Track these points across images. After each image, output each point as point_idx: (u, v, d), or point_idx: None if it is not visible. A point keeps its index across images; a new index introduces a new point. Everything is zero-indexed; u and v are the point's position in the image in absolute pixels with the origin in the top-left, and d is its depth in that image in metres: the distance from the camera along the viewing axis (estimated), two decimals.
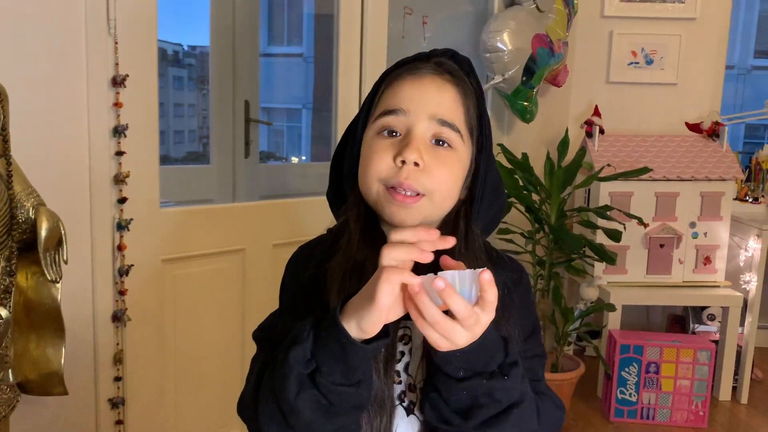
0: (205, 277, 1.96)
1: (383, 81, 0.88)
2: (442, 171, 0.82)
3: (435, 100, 0.83)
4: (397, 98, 0.84)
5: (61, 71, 1.57)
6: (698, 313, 2.97)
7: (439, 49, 0.89)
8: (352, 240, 0.85)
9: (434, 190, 0.82)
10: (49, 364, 1.48)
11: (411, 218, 0.82)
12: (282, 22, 6.65)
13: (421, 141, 0.82)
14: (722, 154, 2.75)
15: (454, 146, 0.84)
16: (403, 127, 0.83)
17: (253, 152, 2.75)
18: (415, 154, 0.80)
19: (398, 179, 0.81)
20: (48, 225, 1.38)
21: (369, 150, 0.85)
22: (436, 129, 0.83)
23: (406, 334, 0.86)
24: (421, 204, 0.82)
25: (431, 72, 0.85)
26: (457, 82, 0.85)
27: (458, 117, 0.84)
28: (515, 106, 2.67)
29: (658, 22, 3.05)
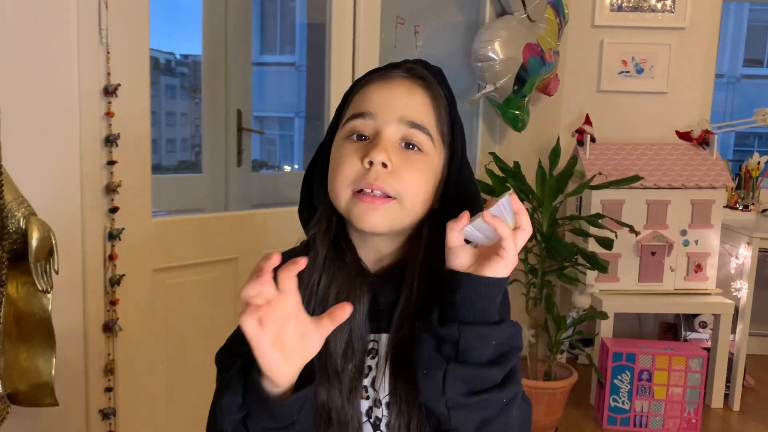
0: (198, 287, 1.95)
1: (353, 89, 0.87)
2: (411, 173, 0.80)
3: (404, 101, 0.82)
4: (365, 102, 0.83)
5: (53, 80, 1.57)
6: (690, 321, 2.98)
7: (410, 59, 0.88)
8: (318, 259, 0.84)
9: (404, 193, 0.80)
10: (40, 374, 1.46)
11: (380, 221, 0.80)
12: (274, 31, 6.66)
13: (389, 142, 0.80)
14: (712, 162, 2.77)
15: (424, 150, 0.82)
16: (371, 130, 0.81)
17: (245, 161, 2.75)
18: (383, 154, 0.78)
19: (367, 180, 0.78)
20: (39, 235, 1.37)
21: (337, 155, 0.83)
22: (405, 131, 0.81)
23: (374, 348, 0.84)
24: (391, 207, 0.80)
25: (401, 76, 0.84)
26: (427, 86, 0.84)
27: (429, 120, 0.83)
28: (507, 114, 2.68)
29: (648, 31, 3.07)
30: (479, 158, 2.79)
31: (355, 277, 0.83)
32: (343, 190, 0.81)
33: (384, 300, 0.84)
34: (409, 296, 0.82)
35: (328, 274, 0.83)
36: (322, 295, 0.83)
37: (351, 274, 0.83)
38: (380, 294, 0.84)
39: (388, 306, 0.84)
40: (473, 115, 2.81)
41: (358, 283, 0.83)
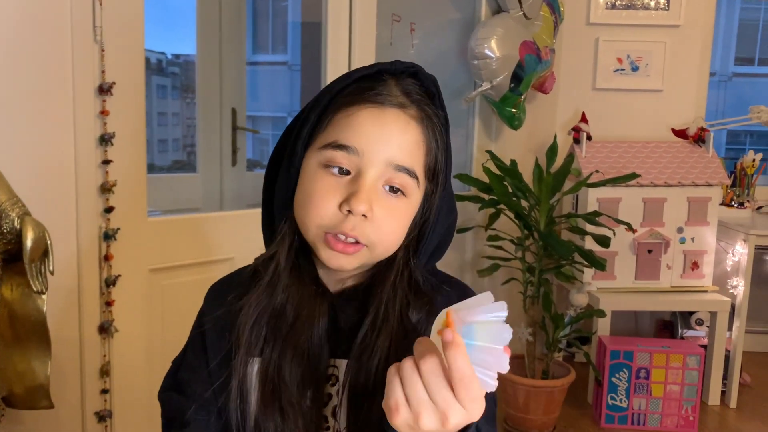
0: (194, 287, 1.92)
1: (333, 99, 0.76)
2: (390, 223, 0.74)
3: (396, 142, 0.73)
4: (351, 132, 0.73)
5: (47, 79, 1.55)
6: (686, 318, 2.98)
7: (402, 62, 0.78)
8: (279, 278, 0.78)
9: (378, 243, 0.74)
10: (35, 377, 1.45)
11: (349, 265, 0.75)
12: (266, 31, 6.64)
13: (372, 190, 0.72)
14: (708, 160, 2.77)
15: (407, 193, 0.75)
16: (353, 166, 0.73)
17: (240, 160, 2.74)
18: (365, 205, 0.71)
19: (343, 229, 0.72)
20: (33, 235, 1.35)
21: (311, 185, 0.74)
22: (390, 174, 0.73)
23: (333, 374, 0.78)
24: (362, 253, 0.74)
25: (395, 106, 0.74)
26: (422, 118, 0.76)
27: (418, 160, 0.75)
28: (503, 112, 2.68)
29: (644, 29, 3.07)
30: (476, 156, 2.78)
31: (314, 297, 0.78)
32: (314, 229, 0.74)
33: (345, 322, 0.78)
34: (375, 321, 0.76)
35: (285, 293, 0.77)
36: (277, 316, 0.77)
37: (311, 293, 0.78)
38: (341, 315, 0.79)
39: (349, 328, 0.78)
40: (469, 113, 2.80)
41: (317, 304, 0.77)
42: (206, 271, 1.96)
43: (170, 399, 0.83)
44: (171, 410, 0.82)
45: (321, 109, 0.76)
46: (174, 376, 0.84)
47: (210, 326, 0.81)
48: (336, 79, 0.77)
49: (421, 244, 0.79)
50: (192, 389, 0.80)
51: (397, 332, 0.76)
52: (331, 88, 0.77)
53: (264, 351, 0.77)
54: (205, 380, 0.80)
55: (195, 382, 0.81)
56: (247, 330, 0.76)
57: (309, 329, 0.76)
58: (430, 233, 0.79)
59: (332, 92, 0.76)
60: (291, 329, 0.76)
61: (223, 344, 0.79)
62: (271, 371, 0.76)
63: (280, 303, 0.77)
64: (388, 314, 0.76)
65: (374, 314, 0.76)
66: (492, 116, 2.78)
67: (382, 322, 0.76)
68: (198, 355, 0.82)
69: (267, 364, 0.76)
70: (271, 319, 0.77)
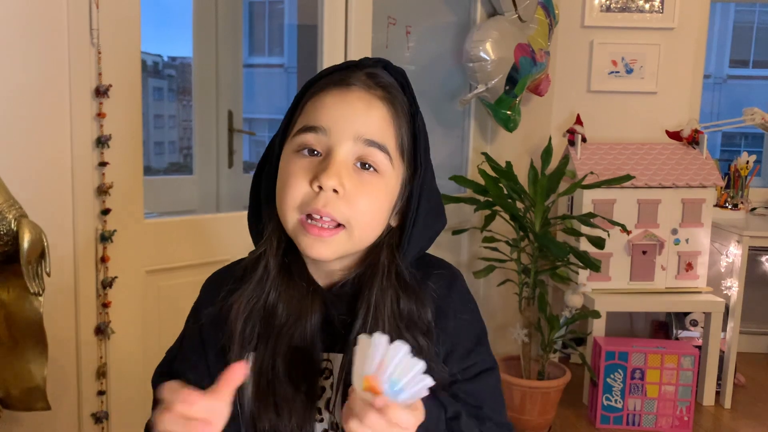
0: (190, 289, 1.92)
1: (306, 92, 0.79)
2: (364, 199, 0.74)
3: (362, 118, 0.74)
4: (318, 113, 0.75)
5: (44, 81, 1.56)
6: (681, 319, 3.00)
7: (370, 58, 0.80)
8: (269, 276, 0.79)
9: (354, 221, 0.74)
10: (32, 378, 1.45)
11: (328, 252, 0.75)
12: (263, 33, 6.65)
13: (342, 165, 0.73)
14: (702, 162, 2.78)
15: (380, 170, 0.75)
16: (323, 146, 0.74)
17: (236, 162, 2.74)
18: (334, 179, 0.72)
19: (315, 206, 0.72)
20: (30, 237, 1.36)
21: (285, 171, 0.76)
22: (361, 151, 0.74)
23: (327, 368, 0.80)
24: (339, 237, 0.74)
25: (360, 86, 0.76)
26: (388, 98, 0.77)
27: (388, 137, 0.75)
28: (498, 115, 2.69)
29: (638, 31, 3.09)
30: (471, 158, 2.79)
31: (305, 294, 0.79)
32: (290, 213, 0.75)
33: (337, 316, 0.79)
34: (366, 318, 0.77)
35: (276, 291, 0.79)
36: (269, 314, 0.78)
37: (301, 291, 0.79)
38: (332, 309, 0.80)
39: (341, 322, 0.79)
40: (465, 116, 2.81)
41: (308, 301, 0.78)
42: (203, 272, 1.94)
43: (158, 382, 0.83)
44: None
45: (293, 105, 0.79)
46: (170, 365, 0.86)
47: (206, 320, 0.82)
48: (310, 78, 0.80)
49: (404, 238, 0.79)
50: (187, 379, 0.80)
51: (390, 325, 0.76)
52: (304, 85, 0.80)
53: (258, 347, 0.78)
54: (201, 372, 0.81)
55: (191, 373, 0.82)
56: (239, 326, 0.77)
57: (301, 325, 0.77)
58: (411, 226, 0.79)
59: (305, 88, 0.79)
60: (284, 326, 0.77)
61: (219, 337, 0.80)
62: (265, 366, 0.77)
63: (272, 301, 0.78)
64: (380, 309, 0.77)
65: (365, 310, 0.77)
66: (487, 118, 2.79)
67: (374, 317, 0.76)
68: (195, 348, 0.83)
69: (261, 359, 0.77)
70: (264, 317, 0.78)
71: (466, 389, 0.80)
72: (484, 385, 0.82)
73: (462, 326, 0.82)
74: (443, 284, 0.82)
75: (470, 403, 0.80)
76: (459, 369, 0.80)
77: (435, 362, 0.76)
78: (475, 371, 0.82)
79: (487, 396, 0.82)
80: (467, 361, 0.81)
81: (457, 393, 0.80)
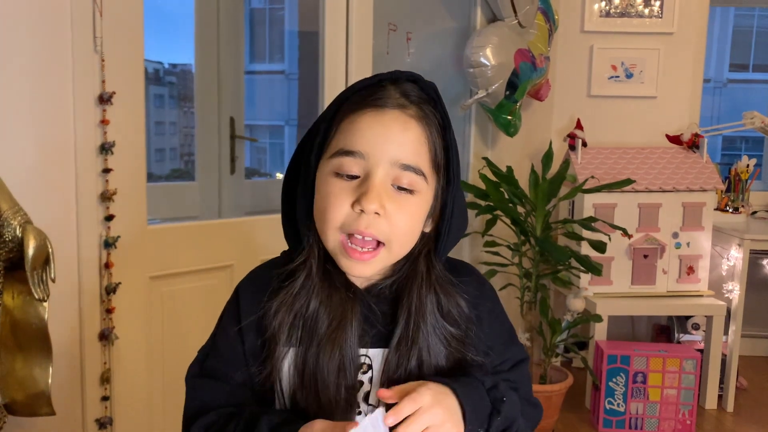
0: (194, 294, 1.95)
1: (339, 109, 0.82)
2: (403, 217, 0.79)
3: (397, 142, 0.78)
4: (355, 137, 0.78)
5: (48, 88, 1.57)
6: (683, 323, 3.00)
7: (402, 72, 0.83)
8: (312, 283, 0.83)
9: (394, 238, 0.79)
10: (36, 384, 1.46)
11: (369, 271, 0.82)
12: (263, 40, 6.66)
13: (381, 187, 0.77)
14: (702, 165, 2.79)
15: (417, 189, 0.80)
16: (361, 170, 0.78)
17: (238, 168, 2.75)
18: (376, 203, 0.76)
19: (358, 228, 0.77)
20: (35, 243, 1.37)
21: (325, 192, 0.80)
22: (397, 173, 0.78)
23: (366, 363, 0.84)
24: (380, 256, 0.80)
25: (395, 107, 0.79)
26: (422, 117, 0.80)
27: (422, 158, 0.80)
28: (499, 120, 2.70)
29: (637, 36, 3.10)
30: (472, 163, 2.80)
31: (346, 299, 0.83)
32: (331, 233, 0.80)
33: (373, 315, 0.84)
34: (408, 321, 0.83)
35: (318, 298, 0.83)
36: (312, 321, 0.82)
37: (342, 296, 0.83)
38: (369, 310, 0.84)
39: (378, 321, 0.84)
40: (466, 121, 2.82)
41: (349, 306, 0.83)
42: (206, 278, 1.98)
43: (202, 384, 0.88)
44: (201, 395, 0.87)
45: (328, 121, 0.82)
46: (202, 365, 0.89)
47: (248, 322, 0.86)
48: (341, 92, 0.83)
49: (440, 242, 0.85)
50: (223, 373, 0.86)
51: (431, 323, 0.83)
52: (336, 100, 0.83)
53: (300, 345, 0.82)
54: (239, 367, 0.85)
55: (229, 369, 0.86)
56: (284, 327, 0.82)
57: (343, 326, 0.82)
58: (446, 231, 0.85)
59: (338, 103, 0.83)
60: (327, 329, 0.82)
61: (259, 336, 0.84)
62: (309, 363, 0.82)
63: (315, 305, 0.83)
64: (420, 311, 0.83)
65: (407, 314, 0.82)
66: (488, 123, 2.80)
67: (415, 319, 0.82)
68: (233, 346, 0.86)
69: (304, 355, 0.82)
70: (308, 320, 0.82)
71: (508, 378, 0.89)
72: (519, 374, 0.91)
73: (496, 324, 0.90)
74: (475, 287, 0.89)
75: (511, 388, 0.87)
76: (500, 361, 0.90)
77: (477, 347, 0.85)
78: (512, 363, 0.91)
79: (523, 382, 0.91)
80: (505, 355, 0.90)
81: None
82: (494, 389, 0.81)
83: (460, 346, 0.85)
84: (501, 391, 0.82)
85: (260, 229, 2.14)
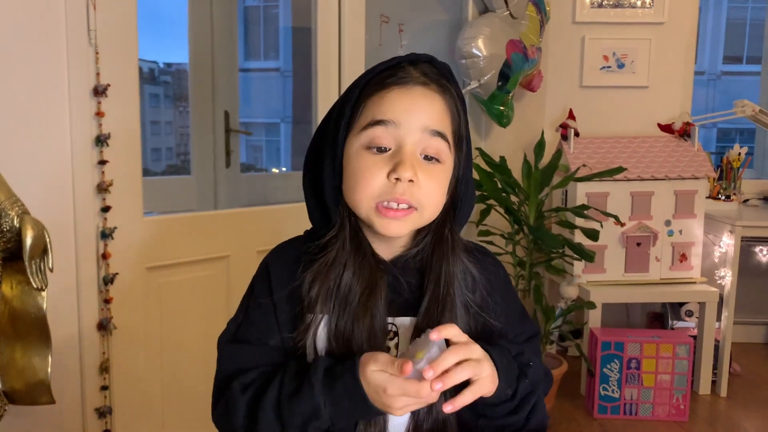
0: (190, 285, 1.97)
1: (364, 88, 0.87)
2: (433, 185, 0.85)
3: (425, 111, 0.84)
4: (385, 108, 0.84)
5: (43, 81, 1.59)
6: (676, 310, 3.03)
7: (417, 54, 0.89)
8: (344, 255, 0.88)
9: (426, 203, 0.85)
10: (36, 373, 1.47)
11: (402, 230, 0.86)
12: (258, 37, 6.67)
13: (413, 157, 0.83)
14: (694, 153, 2.82)
15: (442, 159, 0.86)
16: (392, 140, 0.83)
17: (233, 162, 2.77)
18: (410, 171, 0.82)
19: (394, 195, 0.83)
20: (33, 233, 1.38)
21: (358, 166, 0.85)
22: (426, 141, 0.84)
23: (392, 330, 0.89)
24: (412, 217, 0.86)
25: (418, 84, 0.85)
26: (443, 92, 0.87)
27: (447, 126, 0.86)
28: (492, 110, 2.72)
29: (629, 27, 3.13)
30: None
31: (376, 269, 0.88)
32: (366, 202, 0.85)
33: (400, 286, 0.90)
34: (435, 290, 0.89)
35: (350, 270, 0.88)
36: (346, 290, 0.88)
37: (372, 267, 0.88)
38: (396, 281, 0.90)
39: (404, 290, 0.90)
40: None
41: (379, 275, 0.88)
42: (202, 269, 2.00)
43: (237, 349, 0.92)
44: (237, 359, 0.91)
45: (353, 102, 0.87)
46: (234, 334, 0.94)
47: (280, 292, 0.90)
48: (361, 75, 0.89)
49: (458, 209, 0.92)
50: (257, 339, 0.91)
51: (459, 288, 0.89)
52: (358, 82, 0.88)
53: (334, 312, 0.87)
54: (273, 335, 0.90)
55: (264, 336, 0.91)
56: (321, 297, 0.87)
57: (375, 298, 0.87)
58: (464, 198, 0.92)
59: (360, 86, 0.87)
60: (360, 296, 0.87)
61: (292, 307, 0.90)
62: (342, 329, 0.87)
63: (348, 276, 0.88)
64: (450, 275, 0.89)
65: (436, 276, 0.89)
66: (481, 114, 2.83)
67: (445, 282, 0.88)
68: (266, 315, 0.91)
69: (336, 321, 0.87)
70: (342, 290, 0.87)
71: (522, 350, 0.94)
72: (533, 347, 0.99)
73: (510, 301, 0.98)
74: (491, 262, 0.98)
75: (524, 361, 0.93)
76: (515, 334, 0.97)
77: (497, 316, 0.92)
78: (527, 335, 0.99)
79: (536, 355, 0.98)
80: (521, 327, 0.98)
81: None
82: (520, 355, 0.90)
83: (483, 313, 0.91)
84: (527, 357, 0.90)
85: (256, 220, 2.16)
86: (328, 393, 0.80)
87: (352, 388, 0.79)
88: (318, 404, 0.81)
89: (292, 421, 0.82)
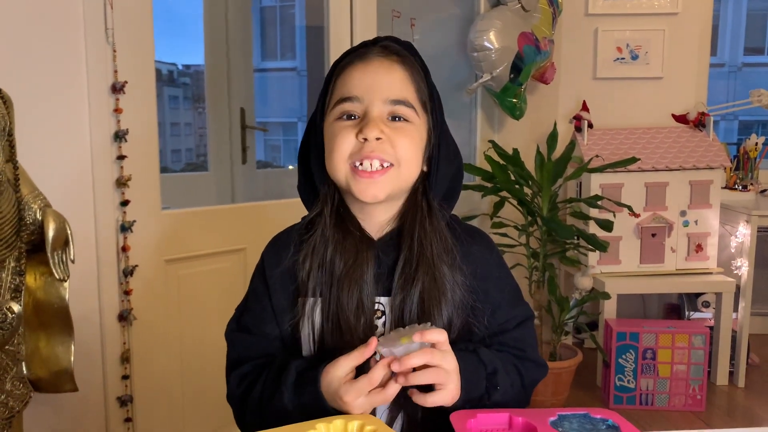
0: (208, 277, 2.01)
1: (334, 70, 0.94)
2: (403, 140, 0.89)
3: (385, 82, 0.89)
4: (349, 86, 0.90)
5: (62, 79, 1.64)
6: (693, 301, 3.02)
7: (381, 36, 0.96)
8: (328, 230, 0.92)
9: (399, 158, 0.89)
10: (59, 361, 1.52)
11: (380, 191, 0.89)
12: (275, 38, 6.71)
13: (379, 118, 0.88)
14: (709, 144, 2.81)
15: (410, 119, 0.90)
16: (360, 111, 0.89)
17: (250, 158, 2.81)
18: (376, 130, 0.87)
19: (364, 153, 0.87)
20: (55, 225, 1.43)
21: (331, 134, 0.90)
22: (390, 109, 0.89)
23: (379, 309, 0.92)
24: (389, 175, 0.89)
25: (378, 55, 0.91)
26: (403, 61, 0.92)
27: (409, 93, 0.91)
28: (504, 103, 2.74)
29: (642, 17, 3.12)
30: (479, 146, 2.84)
31: (359, 243, 0.91)
32: (341, 164, 0.89)
33: (388, 263, 0.92)
34: (408, 257, 0.90)
35: (333, 244, 0.91)
36: (331, 266, 0.91)
37: (356, 242, 0.91)
38: (383, 258, 0.92)
39: (387, 269, 0.92)
40: (472, 105, 2.86)
41: (363, 249, 0.91)
42: (219, 261, 2.04)
43: (239, 338, 0.97)
44: (238, 348, 0.97)
45: (327, 81, 0.94)
46: (238, 321, 0.99)
47: (274, 278, 0.94)
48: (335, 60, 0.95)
49: (431, 178, 0.94)
50: (258, 329, 0.95)
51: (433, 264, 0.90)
52: (331, 67, 0.95)
53: (323, 291, 0.91)
54: (269, 321, 0.94)
55: (261, 323, 0.95)
56: (311, 277, 0.91)
57: (360, 269, 0.90)
58: (437, 165, 0.93)
59: (332, 69, 0.94)
60: (344, 272, 0.90)
61: (286, 291, 0.93)
62: (332, 306, 0.90)
63: (332, 251, 0.91)
64: (423, 247, 0.90)
65: (408, 248, 0.91)
66: (494, 107, 2.84)
67: (417, 255, 0.90)
68: (262, 302, 0.95)
69: (327, 303, 0.90)
70: (329, 265, 0.91)
71: (514, 336, 0.96)
72: (526, 332, 0.99)
73: (504, 283, 0.98)
74: (485, 245, 0.99)
75: (517, 347, 0.96)
76: (506, 319, 0.96)
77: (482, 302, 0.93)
78: (519, 320, 0.98)
79: (529, 341, 0.99)
80: (513, 312, 0.97)
81: (506, 341, 0.95)
82: (493, 375, 0.89)
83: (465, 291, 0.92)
84: (498, 379, 0.89)
85: (272, 213, 2.19)
86: (297, 400, 0.85)
87: (314, 399, 0.83)
88: (288, 410, 0.85)
89: (271, 420, 0.85)
